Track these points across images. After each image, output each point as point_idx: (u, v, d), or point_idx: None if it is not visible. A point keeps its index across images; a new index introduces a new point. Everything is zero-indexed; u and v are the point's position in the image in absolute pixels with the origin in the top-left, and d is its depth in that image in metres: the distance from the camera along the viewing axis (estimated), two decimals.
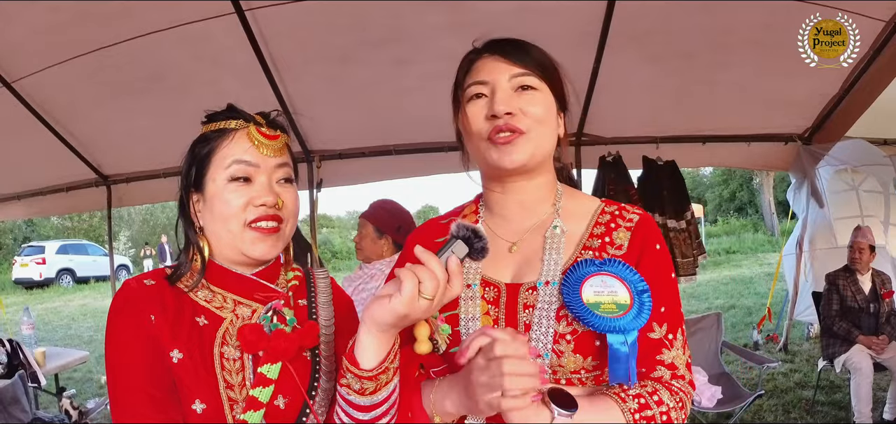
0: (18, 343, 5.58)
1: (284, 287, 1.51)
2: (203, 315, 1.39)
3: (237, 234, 1.40)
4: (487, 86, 1.42)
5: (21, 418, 4.56)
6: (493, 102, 1.39)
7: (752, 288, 13.94)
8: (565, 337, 1.34)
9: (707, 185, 34.19)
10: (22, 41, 4.67)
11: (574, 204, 1.53)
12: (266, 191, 1.40)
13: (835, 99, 5.93)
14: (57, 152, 6.08)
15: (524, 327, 1.38)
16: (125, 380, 1.28)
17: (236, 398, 1.33)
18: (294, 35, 4.99)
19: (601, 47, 5.19)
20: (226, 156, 1.40)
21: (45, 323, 13.91)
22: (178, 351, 1.31)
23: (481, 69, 1.45)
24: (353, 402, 1.26)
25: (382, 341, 1.22)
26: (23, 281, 22.20)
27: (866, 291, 5.64)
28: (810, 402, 6.10)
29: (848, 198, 7.82)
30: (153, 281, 1.40)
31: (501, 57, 1.43)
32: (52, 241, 24.63)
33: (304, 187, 6.50)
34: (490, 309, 1.42)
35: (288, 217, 1.46)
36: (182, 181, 1.46)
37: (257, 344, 1.35)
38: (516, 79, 1.41)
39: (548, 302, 1.37)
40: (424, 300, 1.17)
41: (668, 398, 1.34)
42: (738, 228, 27.49)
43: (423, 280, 1.16)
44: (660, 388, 1.36)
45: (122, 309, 1.33)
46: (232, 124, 1.43)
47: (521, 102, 1.40)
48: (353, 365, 1.23)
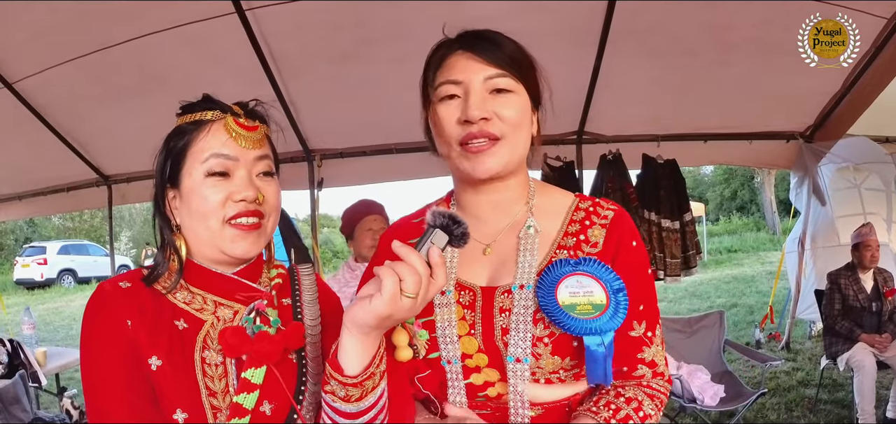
0: (19, 343, 5.57)
1: (267, 285, 1.44)
2: (182, 318, 1.31)
3: (216, 232, 1.32)
4: (460, 87, 1.36)
5: (22, 418, 4.55)
6: (466, 106, 1.34)
7: (753, 287, 13.92)
8: (543, 340, 1.33)
9: (708, 184, 34.18)
10: (23, 42, 4.66)
11: (547, 200, 1.51)
12: (246, 185, 1.32)
13: (837, 96, 5.91)
14: (58, 152, 6.08)
15: (501, 331, 1.35)
16: (102, 388, 1.22)
17: (219, 405, 1.26)
18: (295, 34, 4.97)
19: (602, 45, 5.17)
20: (202, 150, 1.32)
21: (47, 324, 13.92)
22: (156, 357, 1.24)
23: (454, 67, 1.38)
24: (338, 409, 1.19)
25: (366, 345, 1.14)
26: (24, 281, 22.18)
27: (868, 290, 5.62)
28: (813, 401, 6.08)
29: (850, 195, 7.82)
30: (129, 283, 1.32)
31: (475, 55, 1.37)
32: (54, 242, 24.59)
33: (306, 187, 6.50)
34: (465, 313, 1.39)
35: (269, 212, 1.37)
36: (156, 177, 1.38)
37: (240, 347, 1.28)
38: (491, 81, 1.36)
39: (524, 307, 1.34)
40: (407, 298, 1.09)
41: (649, 406, 1.36)
42: (739, 227, 27.48)
43: (403, 277, 1.09)
44: (643, 399, 1.36)
45: (97, 313, 1.26)
46: (208, 115, 1.34)
47: (495, 105, 1.35)
48: (336, 372, 1.16)
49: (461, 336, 1.38)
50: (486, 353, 1.37)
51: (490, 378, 1.37)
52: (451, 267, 1.44)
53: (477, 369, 1.37)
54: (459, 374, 1.37)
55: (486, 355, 1.37)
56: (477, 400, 1.39)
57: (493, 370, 1.36)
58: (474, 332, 1.37)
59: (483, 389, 1.38)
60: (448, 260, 1.44)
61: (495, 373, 1.36)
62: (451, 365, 1.38)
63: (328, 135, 6.36)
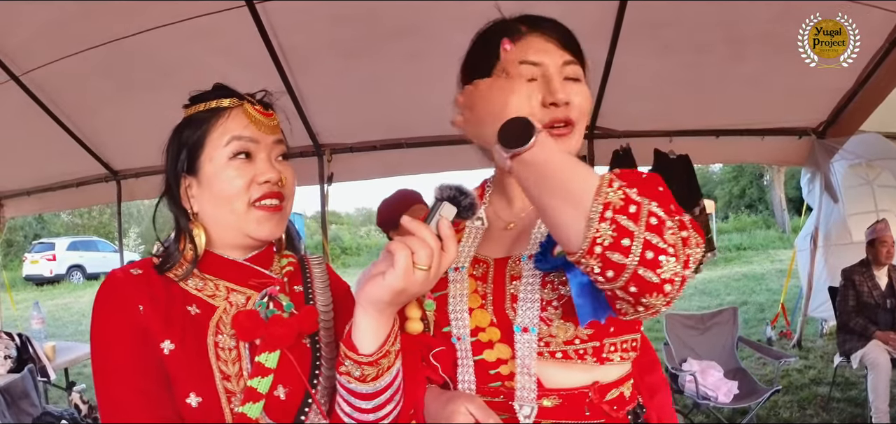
0: (28, 337, 5.59)
1: (278, 273, 1.45)
2: (194, 304, 1.32)
3: (241, 214, 1.34)
4: (538, 69, 1.33)
5: (30, 412, 4.55)
6: (552, 88, 1.31)
7: (763, 285, 13.87)
8: (552, 304, 1.27)
9: (717, 182, 34.03)
10: (30, 34, 4.65)
11: None
12: (268, 167, 1.35)
13: (849, 93, 5.88)
14: (66, 147, 6.08)
15: (511, 298, 1.31)
16: (113, 375, 1.22)
17: (233, 389, 1.27)
18: (305, 28, 4.97)
19: (614, 40, 5.14)
20: (223, 134, 1.33)
21: (56, 319, 13.96)
22: (169, 341, 1.25)
23: (530, 48, 1.35)
24: (354, 390, 1.19)
25: (381, 322, 1.15)
26: (33, 277, 22.24)
27: (882, 287, 5.60)
28: (826, 399, 6.05)
29: (863, 192, 7.78)
30: (140, 270, 1.33)
31: (550, 38, 1.35)
32: (63, 238, 24.68)
33: (315, 182, 6.49)
34: (478, 285, 1.36)
35: (288, 195, 1.41)
36: (170, 167, 1.39)
37: (254, 331, 1.30)
38: (567, 67, 1.34)
39: (534, 274, 1.30)
40: (420, 271, 1.09)
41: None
42: (748, 225, 27.34)
43: (415, 250, 1.08)
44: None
45: (107, 299, 1.28)
46: (225, 102, 1.36)
47: (570, 92, 1.33)
48: (351, 351, 1.16)
49: (472, 309, 1.34)
50: (499, 326, 1.31)
51: (502, 354, 1.31)
52: (472, 246, 1.42)
53: (489, 344, 1.32)
54: (469, 351, 1.33)
55: (498, 329, 1.31)
56: (490, 385, 1.32)
57: (505, 346, 1.31)
58: (485, 303, 1.34)
59: (495, 367, 1.32)
60: (471, 241, 1.43)
61: (508, 350, 1.30)
62: (461, 342, 1.34)
63: (338, 130, 6.34)
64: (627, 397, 1.36)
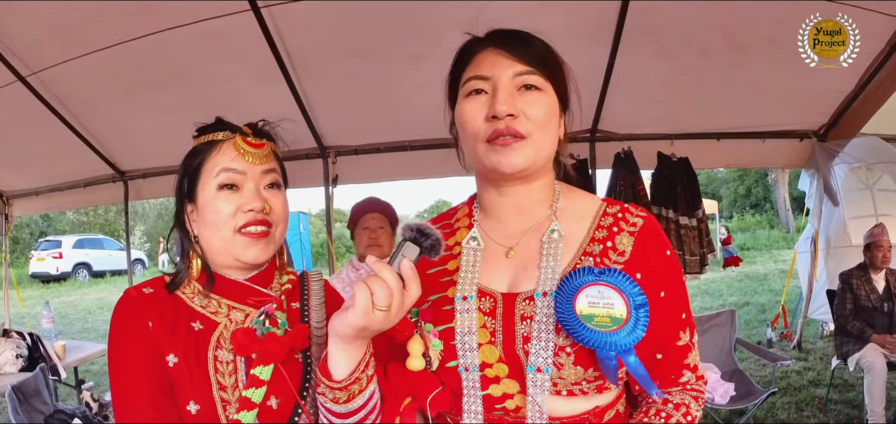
0: (39, 336, 5.66)
1: (278, 290, 1.56)
2: (198, 320, 1.45)
3: (228, 240, 1.46)
4: (488, 83, 1.33)
5: (42, 410, 4.62)
6: (494, 101, 1.31)
7: (766, 285, 13.87)
8: (565, 350, 1.28)
9: (722, 181, 33.90)
10: (38, 36, 4.71)
11: (573, 203, 1.47)
12: (253, 197, 1.46)
13: (850, 95, 5.89)
14: (74, 147, 6.15)
15: (522, 340, 1.31)
16: (128, 384, 1.35)
17: (229, 399, 1.39)
18: (310, 31, 5.00)
19: (616, 43, 5.18)
20: (214, 166, 1.46)
21: (63, 317, 14.01)
22: (174, 355, 1.38)
23: (482, 62, 1.36)
24: (330, 409, 1.29)
25: (350, 352, 1.23)
26: (39, 275, 22.36)
27: (880, 290, 5.63)
28: (823, 400, 6.09)
29: (862, 196, 7.79)
30: (152, 289, 1.47)
31: (504, 51, 1.34)
32: (69, 236, 24.80)
33: (321, 184, 6.53)
34: (486, 321, 1.35)
35: (277, 221, 1.51)
36: (177, 193, 1.53)
37: (250, 347, 1.40)
38: (520, 77, 1.32)
39: (546, 315, 1.30)
40: (379, 311, 1.16)
41: (694, 408, 1.38)
42: (752, 225, 27.26)
43: (375, 290, 1.15)
44: (689, 402, 1.38)
45: (122, 316, 1.40)
46: (219, 136, 1.49)
47: (523, 103, 1.31)
48: (324, 377, 1.25)
49: (481, 344, 1.33)
50: (507, 363, 1.32)
51: (509, 389, 1.32)
52: (474, 272, 1.41)
53: (496, 379, 1.32)
54: (477, 384, 1.33)
55: (506, 365, 1.32)
56: (494, 414, 1.33)
57: (513, 381, 1.31)
58: (495, 341, 1.33)
59: (501, 401, 1.32)
60: (471, 265, 1.43)
61: (515, 384, 1.31)
62: (469, 373, 1.33)
63: (343, 132, 6.38)
64: (622, 412, 1.41)
